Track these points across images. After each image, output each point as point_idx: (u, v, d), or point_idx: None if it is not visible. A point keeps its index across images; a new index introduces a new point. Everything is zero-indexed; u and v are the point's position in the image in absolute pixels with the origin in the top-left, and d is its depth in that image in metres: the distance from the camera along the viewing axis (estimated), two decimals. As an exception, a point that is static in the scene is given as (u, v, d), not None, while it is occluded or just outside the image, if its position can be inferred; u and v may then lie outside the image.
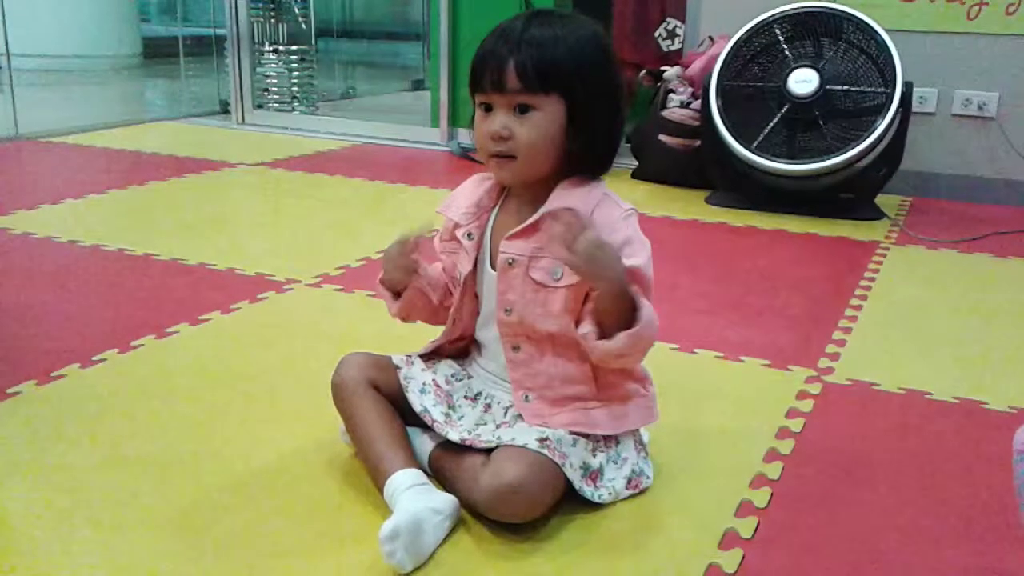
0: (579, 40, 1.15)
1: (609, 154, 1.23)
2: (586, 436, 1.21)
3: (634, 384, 1.26)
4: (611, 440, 1.24)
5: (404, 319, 1.32)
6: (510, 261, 1.20)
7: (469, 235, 1.26)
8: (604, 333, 1.12)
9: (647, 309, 1.12)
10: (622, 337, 1.10)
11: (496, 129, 1.15)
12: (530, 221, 1.19)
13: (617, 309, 1.11)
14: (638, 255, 1.17)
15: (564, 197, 1.18)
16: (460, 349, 1.36)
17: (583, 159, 1.19)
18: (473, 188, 1.29)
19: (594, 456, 1.21)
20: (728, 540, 1.16)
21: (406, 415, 1.26)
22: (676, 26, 3.56)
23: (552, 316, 1.19)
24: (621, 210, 1.20)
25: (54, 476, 1.27)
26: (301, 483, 1.26)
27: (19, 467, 1.29)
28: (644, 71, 3.55)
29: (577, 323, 1.18)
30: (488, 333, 1.29)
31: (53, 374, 1.58)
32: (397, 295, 1.29)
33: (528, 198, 1.22)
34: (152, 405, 1.49)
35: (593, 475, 1.21)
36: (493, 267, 1.24)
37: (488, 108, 1.17)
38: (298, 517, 1.18)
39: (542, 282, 1.19)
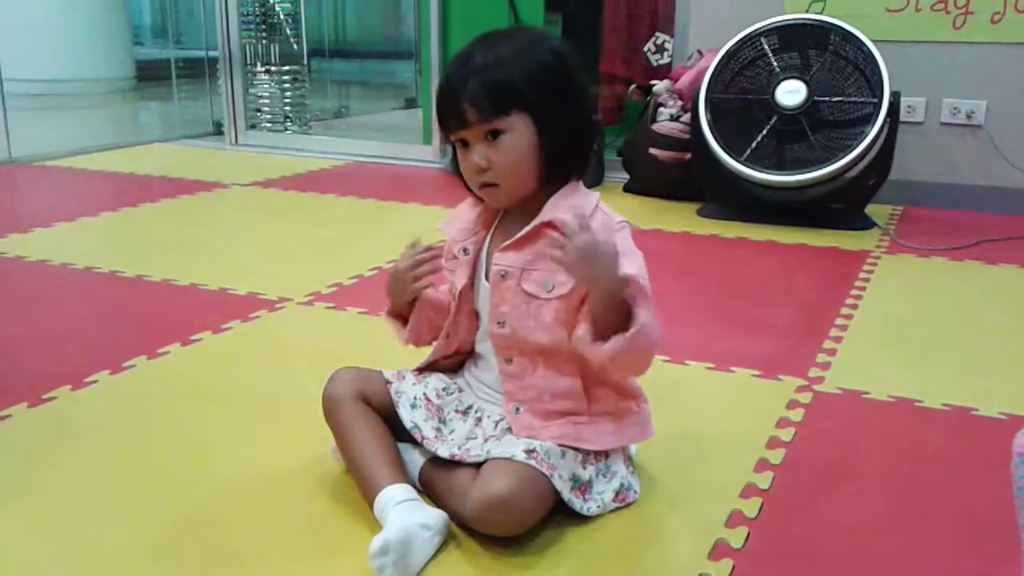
0: (525, 51, 1.16)
1: (585, 151, 1.23)
2: (575, 449, 1.21)
3: (626, 402, 1.26)
4: (601, 453, 1.24)
5: (415, 344, 1.33)
6: (503, 273, 1.21)
7: (465, 251, 1.27)
8: (600, 337, 1.12)
9: (644, 314, 1.11)
10: (615, 340, 1.10)
11: (476, 162, 1.17)
12: (522, 233, 1.20)
13: (613, 312, 1.11)
14: (632, 264, 1.17)
15: (558, 208, 1.19)
16: (454, 364, 1.36)
17: (561, 162, 1.20)
18: (470, 208, 1.30)
19: (584, 468, 1.21)
20: (719, 550, 1.16)
21: (397, 430, 1.26)
22: (665, 40, 3.58)
23: (543, 328, 1.19)
24: (614, 222, 1.21)
25: (46, 497, 1.27)
26: (292, 500, 1.26)
27: (11, 489, 1.29)
28: (634, 85, 3.57)
29: (570, 336, 1.18)
30: (486, 346, 1.29)
31: (44, 396, 1.58)
32: (404, 322, 1.30)
33: (523, 212, 1.23)
34: (144, 426, 1.50)
35: (583, 487, 1.21)
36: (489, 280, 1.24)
37: (465, 143, 1.18)
38: (289, 533, 1.18)
39: (534, 294, 1.19)
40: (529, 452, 1.15)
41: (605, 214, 1.21)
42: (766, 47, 2.93)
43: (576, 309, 1.18)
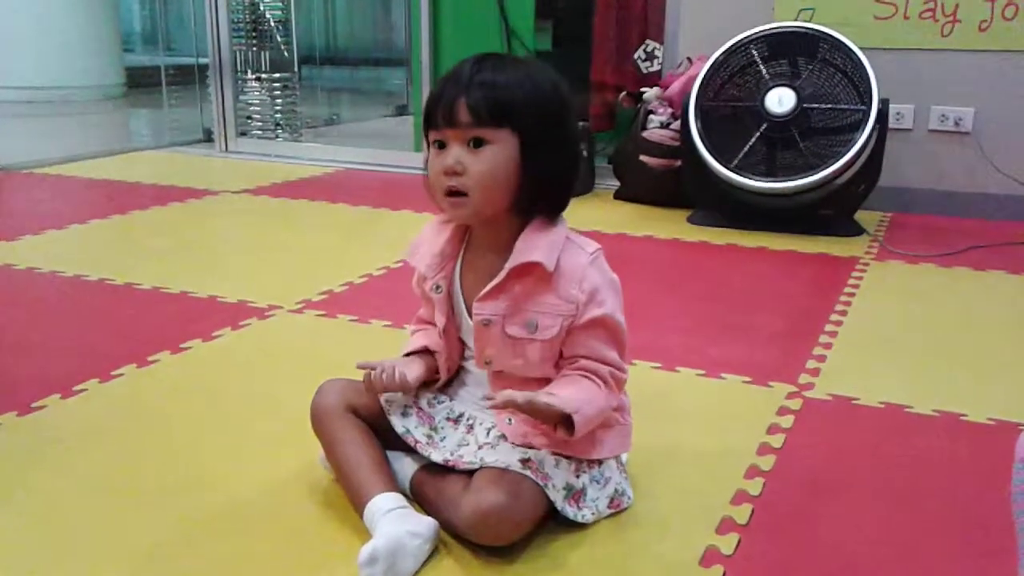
0: (531, 78, 1.16)
1: (564, 192, 1.22)
2: (569, 457, 1.21)
3: (613, 413, 1.26)
4: (594, 461, 1.25)
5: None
6: (485, 322, 1.21)
7: (437, 287, 1.26)
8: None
9: (580, 417, 1.14)
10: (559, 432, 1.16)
11: (450, 163, 1.15)
12: (496, 281, 1.19)
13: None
14: (607, 302, 1.19)
15: (529, 248, 1.17)
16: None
17: (538, 197, 1.19)
18: (433, 236, 1.28)
19: (577, 477, 1.22)
20: (709, 557, 1.16)
21: (386, 439, 1.26)
22: (655, 48, 3.59)
23: (531, 365, 1.21)
24: (586, 254, 1.20)
25: (35, 506, 1.26)
26: (281, 509, 1.26)
27: (-2, 499, 1.28)
28: (624, 92, 3.58)
29: (557, 367, 1.21)
30: (474, 363, 1.29)
31: (33, 404, 1.57)
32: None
33: (491, 245, 1.22)
34: (133, 434, 1.49)
35: (576, 495, 1.21)
36: (469, 315, 1.24)
37: (442, 145, 1.17)
38: (279, 543, 1.18)
39: (518, 336, 1.20)
40: (524, 462, 1.15)
41: (576, 246, 1.21)
42: (755, 55, 2.94)
43: (559, 346, 1.20)
